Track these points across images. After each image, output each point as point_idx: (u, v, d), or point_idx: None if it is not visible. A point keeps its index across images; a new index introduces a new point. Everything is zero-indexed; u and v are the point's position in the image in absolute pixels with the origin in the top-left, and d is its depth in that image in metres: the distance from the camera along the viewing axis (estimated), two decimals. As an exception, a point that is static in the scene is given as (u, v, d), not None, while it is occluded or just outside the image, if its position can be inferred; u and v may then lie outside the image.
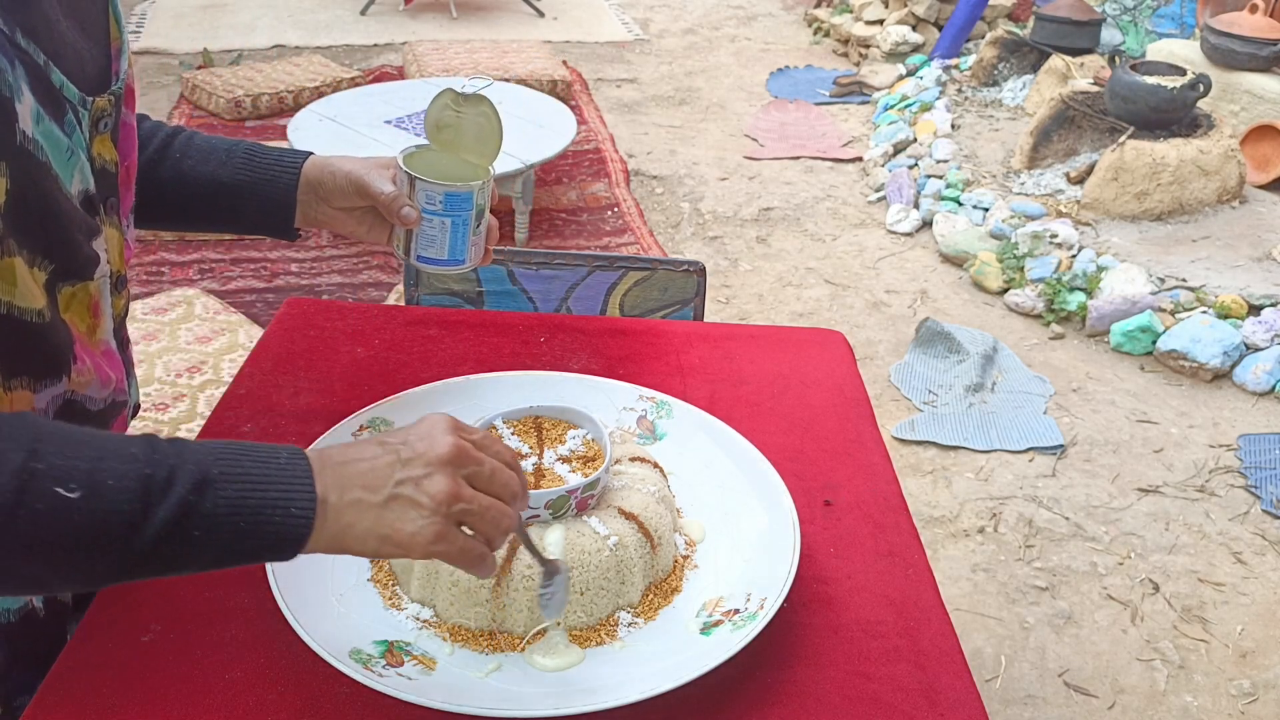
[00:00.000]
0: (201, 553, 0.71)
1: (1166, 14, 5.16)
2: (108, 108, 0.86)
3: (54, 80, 0.78)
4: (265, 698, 0.86)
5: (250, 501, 0.71)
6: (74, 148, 0.81)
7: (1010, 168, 4.14)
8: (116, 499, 0.67)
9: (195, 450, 0.72)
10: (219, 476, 0.70)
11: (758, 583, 0.96)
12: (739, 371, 1.34)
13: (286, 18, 6.07)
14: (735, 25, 6.42)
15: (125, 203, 0.93)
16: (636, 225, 3.91)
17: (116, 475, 0.68)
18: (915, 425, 2.86)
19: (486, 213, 1.04)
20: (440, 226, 1.02)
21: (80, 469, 0.67)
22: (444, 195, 1.01)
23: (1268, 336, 3.11)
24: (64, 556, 0.67)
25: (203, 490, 0.69)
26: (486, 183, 1.03)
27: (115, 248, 0.91)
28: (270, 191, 1.06)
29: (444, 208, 1.01)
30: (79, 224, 0.83)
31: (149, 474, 0.68)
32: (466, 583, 0.92)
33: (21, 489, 0.64)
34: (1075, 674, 2.16)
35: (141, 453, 0.70)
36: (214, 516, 0.70)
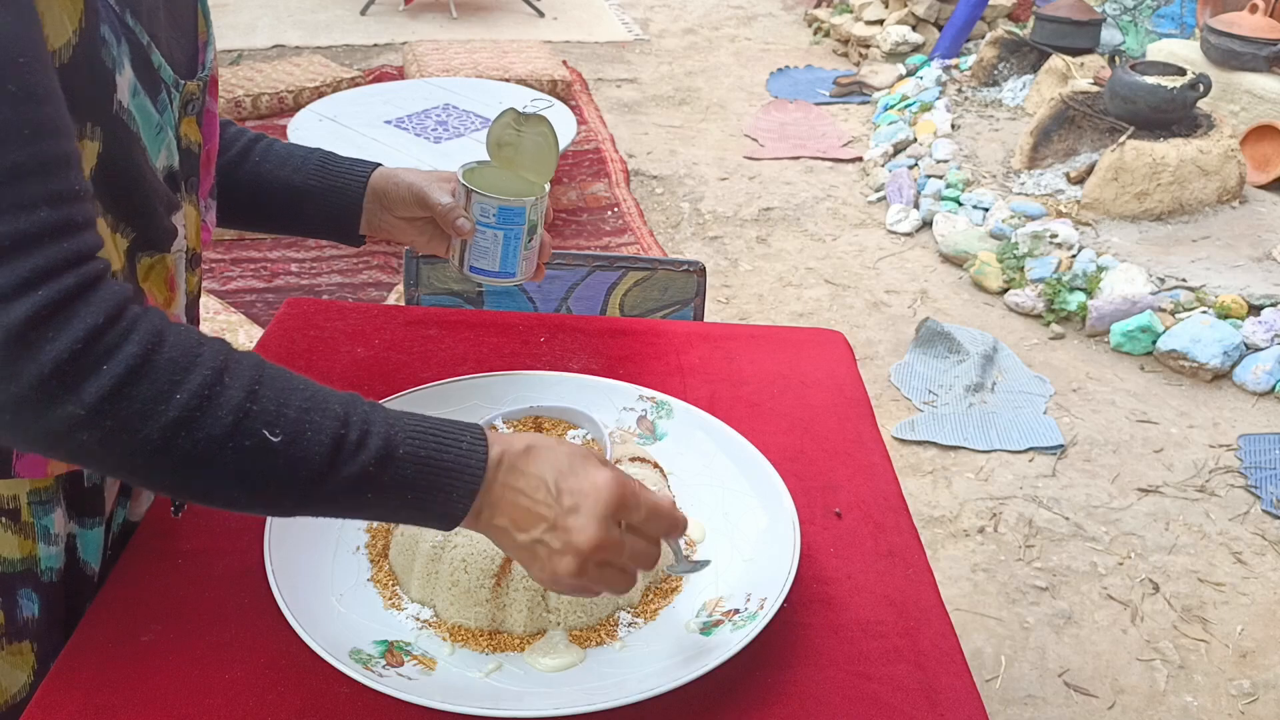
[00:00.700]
0: (369, 510, 0.79)
1: (1166, 14, 5.16)
2: (196, 92, 0.92)
3: (153, 61, 0.84)
4: (265, 698, 0.86)
5: (421, 484, 0.78)
6: (164, 125, 0.87)
7: (1010, 168, 4.14)
8: (310, 451, 0.74)
9: (389, 421, 0.78)
10: (403, 456, 0.77)
11: (758, 583, 0.96)
12: (739, 371, 1.34)
13: (286, 18, 6.07)
14: (735, 25, 6.42)
15: (204, 184, 0.99)
16: (636, 225, 3.91)
17: (316, 429, 0.74)
18: (915, 425, 2.86)
19: (539, 229, 1.08)
20: (493, 239, 1.06)
21: (289, 416, 0.74)
22: (498, 209, 1.05)
23: (1268, 336, 3.11)
24: (255, 487, 0.74)
25: (384, 463, 0.76)
26: (540, 199, 1.06)
27: (193, 225, 0.97)
28: (338, 198, 1.12)
29: (497, 221, 1.05)
30: (161, 197, 0.88)
31: (343, 434, 0.75)
32: (466, 582, 0.92)
33: (236, 425, 0.72)
34: (1075, 674, 2.16)
35: (342, 411, 0.76)
36: (388, 488, 0.77)
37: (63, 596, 0.94)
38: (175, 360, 0.71)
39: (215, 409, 0.71)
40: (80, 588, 0.96)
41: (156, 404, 0.69)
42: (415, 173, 1.12)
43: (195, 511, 1.05)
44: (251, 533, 1.01)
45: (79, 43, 0.74)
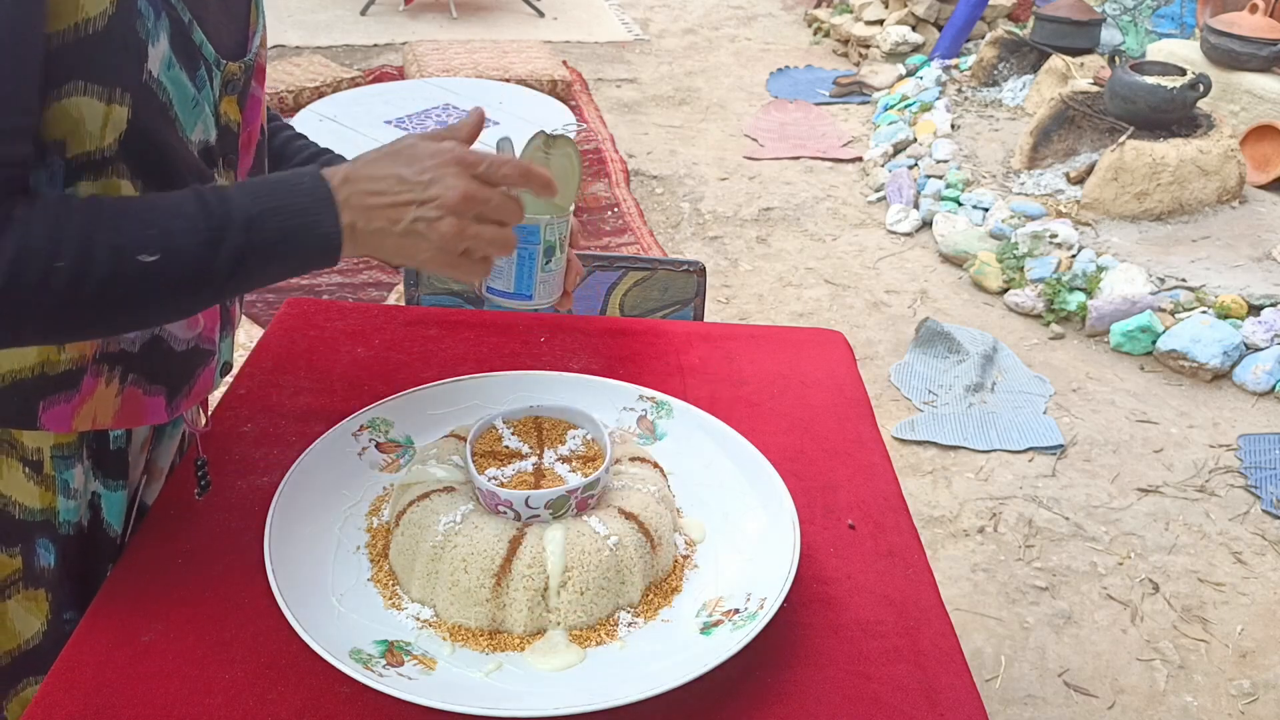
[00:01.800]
0: (262, 275, 0.85)
1: (1166, 14, 5.16)
2: (238, 74, 0.96)
3: (194, 38, 0.88)
4: (265, 698, 0.86)
5: (289, 227, 0.84)
6: (201, 100, 0.91)
7: (1010, 168, 4.14)
8: (187, 255, 0.81)
9: (235, 196, 0.84)
10: (261, 213, 0.83)
11: (758, 583, 0.96)
12: (739, 371, 1.34)
13: (286, 18, 6.07)
14: (735, 25, 6.42)
15: (243, 164, 1.02)
16: (636, 225, 3.91)
17: (182, 233, 0.81)
18: (915, 425, 2.86)
19: (558, 251, 1.07)
20: (507, 258, 1.04)
21: (154, 236, 0.80)
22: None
23: (1268, 336, 3.11)
24: (160, 303, 0.83)
25: (250, 229, 0.83)
26: (558, 220, 1.05)
27: None
28: None
29: None
30: (192, 168, 0.92)
31: (208, 228, 0.82)
32: (466, 583, 0.92)
33: (117, 262, 0.79)
34: (1075, 674, 2.16)
35: (196, 209, 0.82)
36: (264, 248, 0.83)
37: (78, 551, 0.99)
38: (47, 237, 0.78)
39: (94, 257, 0.78)
40: (103, 548, 1.02)
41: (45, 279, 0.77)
42: None
43: (195, 511, 1.05)
44: (251, 533, 1.01)
45: (115, 13, 0.79)
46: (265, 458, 1.13)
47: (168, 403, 0.99)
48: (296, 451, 1.09)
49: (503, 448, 1.03)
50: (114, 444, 0.98)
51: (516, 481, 0.99)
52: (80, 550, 0.99)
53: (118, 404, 0.95)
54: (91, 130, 0.82)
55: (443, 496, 0.98)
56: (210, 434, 1.17)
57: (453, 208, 0.87)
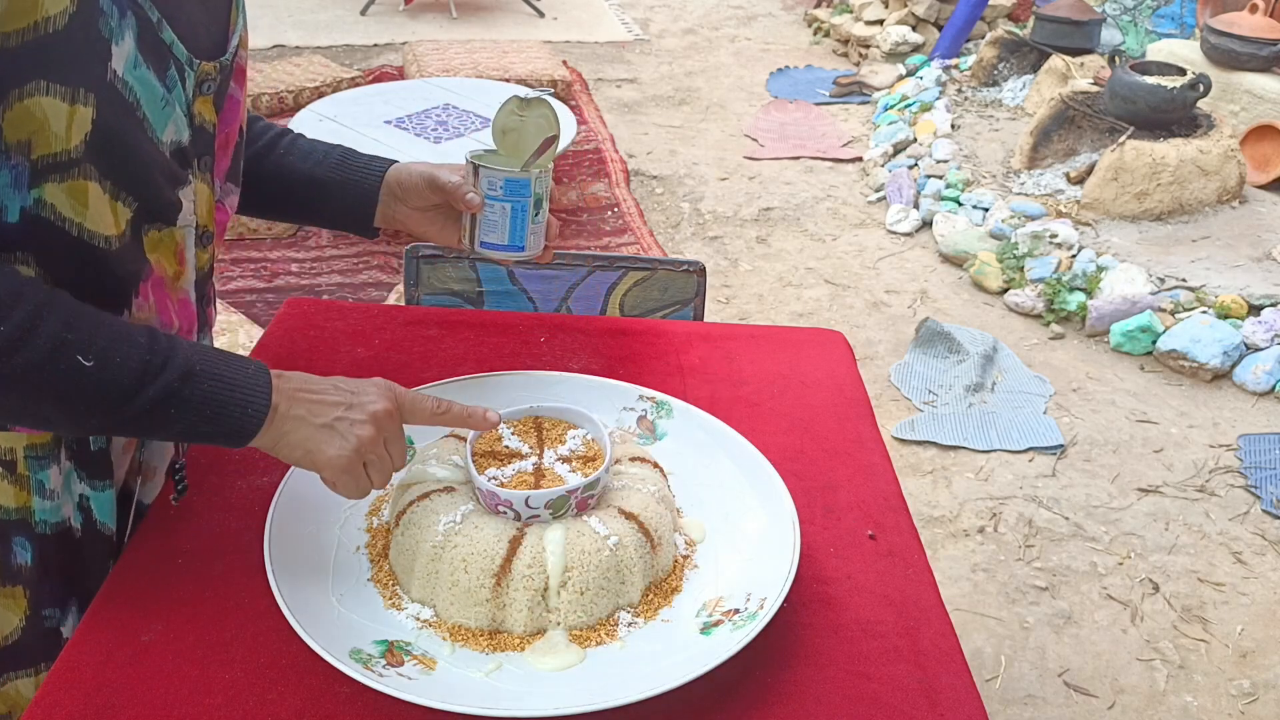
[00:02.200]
0: (173, 426, 0.88)
1: (1166, 14, 5.16)
2: (213, 73, 0.95)
3: (164, 37, 0.88)
4: (265, 698, 0.86)
5: (220, 397, 0.88)
6: (172, 100, 0.90)
7: (1010, 168, 4.14)
8: (120, 374, 0.84)
9: (185, 347, 0.88)
10: (200, 372, 0.87)
11: (758, 583, 0.96)
12: (739, 371, 1.34)
13: (286, 18, 6.07)
14: (735, 25, 6.42)
15: (219, 165, 1.02)
16: (636, 225, 3.91)
17: (124, 354, 0.84)
18: (915, 425, 2.86)
19: (544, 205, 1.11)
20: (501, 212, 1.10)
21: (99, 344, 0.83)
22: (504, 181, 1.08)
23: (1268, 336, 3.11)
24: (70, 408, 0.85)
25: (186, 380, 0.86)
26: (545, 173, 1.10)
27: (204, 203, 1.00)
28: (356, 191, 1.18)
29: (504, 193, 1.09)
30: (163, 169, 0.91)
31: (149, 359, 0.85)
32: (466, 583, 0.92)
33: (54, 351, 0.81)
34: (1075, 674, 2.16)
35: (145, 340, 0.86)
36: (190, 402, 0.87)
37: (63, 551, 0.99)
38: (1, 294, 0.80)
39: (35, 338, 0.80)
40: (99, 547, 1.02)
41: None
42: (426, 164, 1.18)
43: (195, 511, 1.05)
44: (251, 532, 1.01)
45: (76, 11, 0.79)
46: (265, 458, 1.13)
47: None
48: (296, 451, 1.09)
49: (503, 448, 1.03)
50: (94, 444, 0.98)
51: (516, 481, 0.99)
52: (67, 550, 0.99)
53: None
54: (57, 131, 0.81)
55: (443, 496, 0.98)
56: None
57: (376, 419, 0.92)
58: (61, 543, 0.99)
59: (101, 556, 1.02)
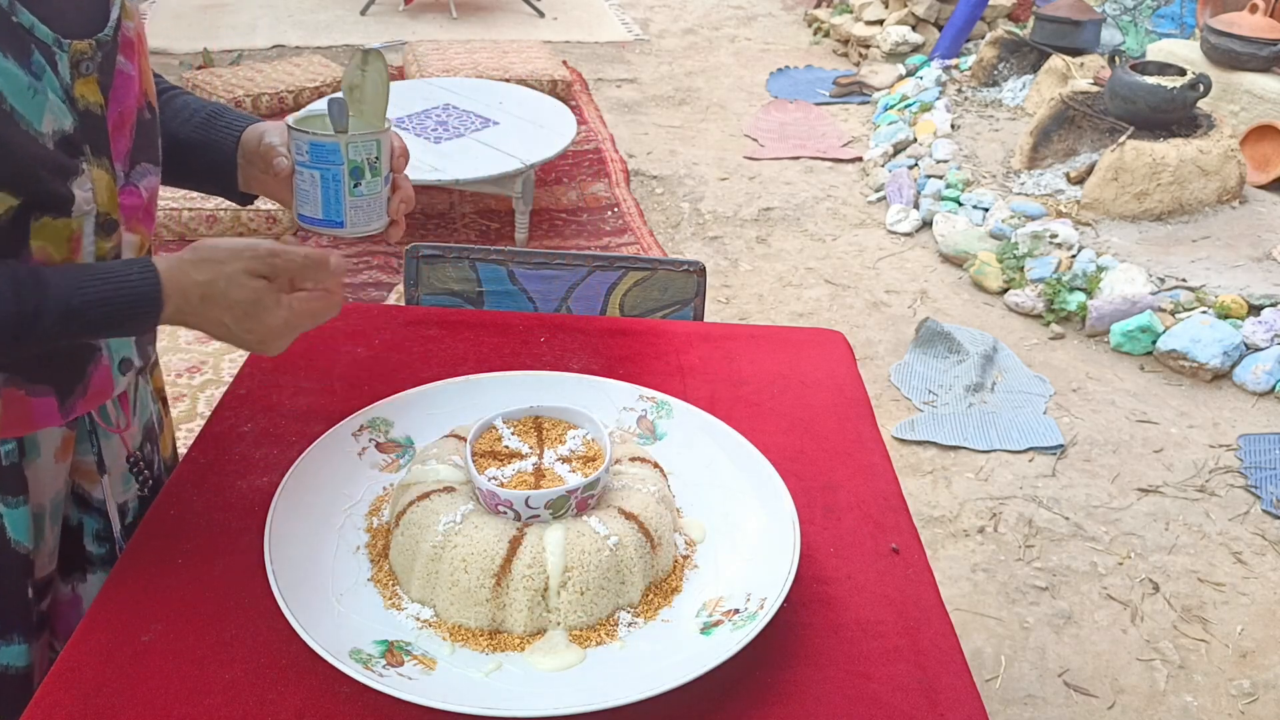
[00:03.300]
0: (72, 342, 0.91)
1: (1166, 14, 5.16)
2: (89, 51, 0.89)
3: (21, 20, 0.83)
4: (265, 698, 0.86)
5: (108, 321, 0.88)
6: (42, 87, 0.85)
7: (1010, 168, 4.14)
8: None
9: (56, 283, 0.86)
10: (79, 306, 0.86)
11: (758, 583, 0.96)
12: (739, 371, 1.34)
13: (286, 18, 6.07)
14: (735, 25, 6.42)
15: (117, 147, 0.95)
16: (636, 225, 3.91)
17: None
18: (915, 425, 2.86)
19: (368, 173, 0.98)
20: (310, 180, 0.98)
21: None
22: (309, 145, 0.96)
23: (1268, 336, 3.11)
24: None
25: (66, 320, 0.86)
26: (365, 139, 0.97)
27: (104, 190, 0.94)
28: (215, 153, 1.10)
29: (310, 159, 0.97)
30: (44, 161, 0.86)
31: (17, 311, 0.83)
32: (466, 582, 0.92)
33: None
34: (1075, 674, 2.16)
35: (11, 289, 0.83)
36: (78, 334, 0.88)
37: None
38: None
39: None
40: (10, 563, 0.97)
41: None
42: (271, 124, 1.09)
43: (195, 511, 1.05)
44: (252, 532, 1.01)
45: None
46: (265, 458, 1.13)
47: (60, 404, 0.95)
48: (296, 451, 1.09)
49: (503, 448, 1.03)
50: (5, 459, 0.93)
51: (516, 481, 0.99)
52: None
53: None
54: None
55: (443, 496, 0.98)
56: (206, 434, 1.17)
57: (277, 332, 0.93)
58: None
59: (15, 576, 0.97)
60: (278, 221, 3.64)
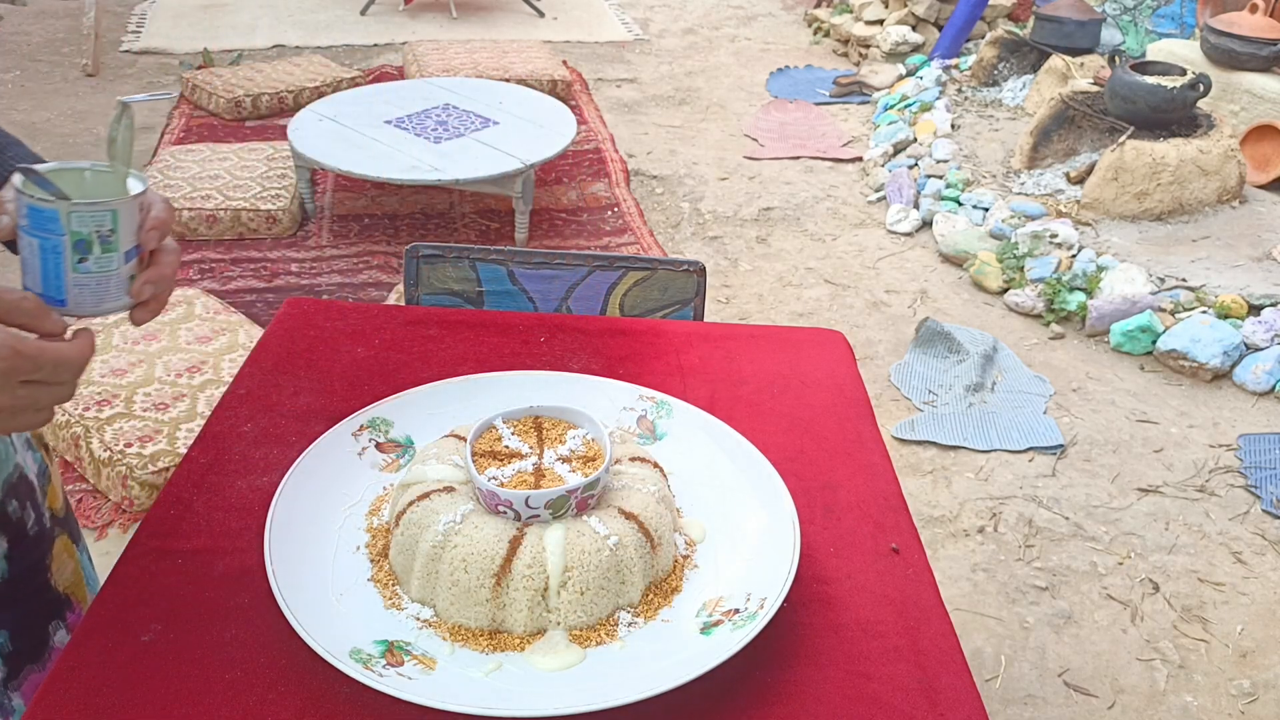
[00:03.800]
0: None
1: (1166, 14, 5.16)
2: None
3: None
4: (265, 698, 0.86)
5: None
6: None
7: (1010, 168, 4.14)
8: None
9: None
10: None
11: (758, 583, 0.96)
12: (739, 371, 1.34)
13: (286, 18, 6.07)
14: (735, 25, 6.42)
15: None
16: (636, 225, 3.91)
17: None
18: (915, 425, 2.86)
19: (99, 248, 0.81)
20: (30, 248, 0.81)
21: None
22: (28, 209, 0.80)
23: (1268, 336, 3.11)
24: None
25: None
26: (92, 210, 0.80)
27: None
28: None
29: (30, 224, 0.80)
30: None
31: None
32: (466, 582, 0.92)
33: None
34: (1075, 674, 2.16)
35: None
36: None
37: None
38: None
39: None
40: None
41: None
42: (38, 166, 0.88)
43: (195, 511, 1.05)
44: (251, 532, 1.01)
45: None
46: (265, 458, 1.13)
47: None
48: (296, 451, 1.09)
49: (503, 448, 1.03)
50: None
51: (516, 481, 0.99)
52: None
53: None
54: None
55: (443, 496, 0.98)
56: (206, 434, 1.17)
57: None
58: None
59: None
60: (278, 221, 3.65)
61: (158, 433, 2.32)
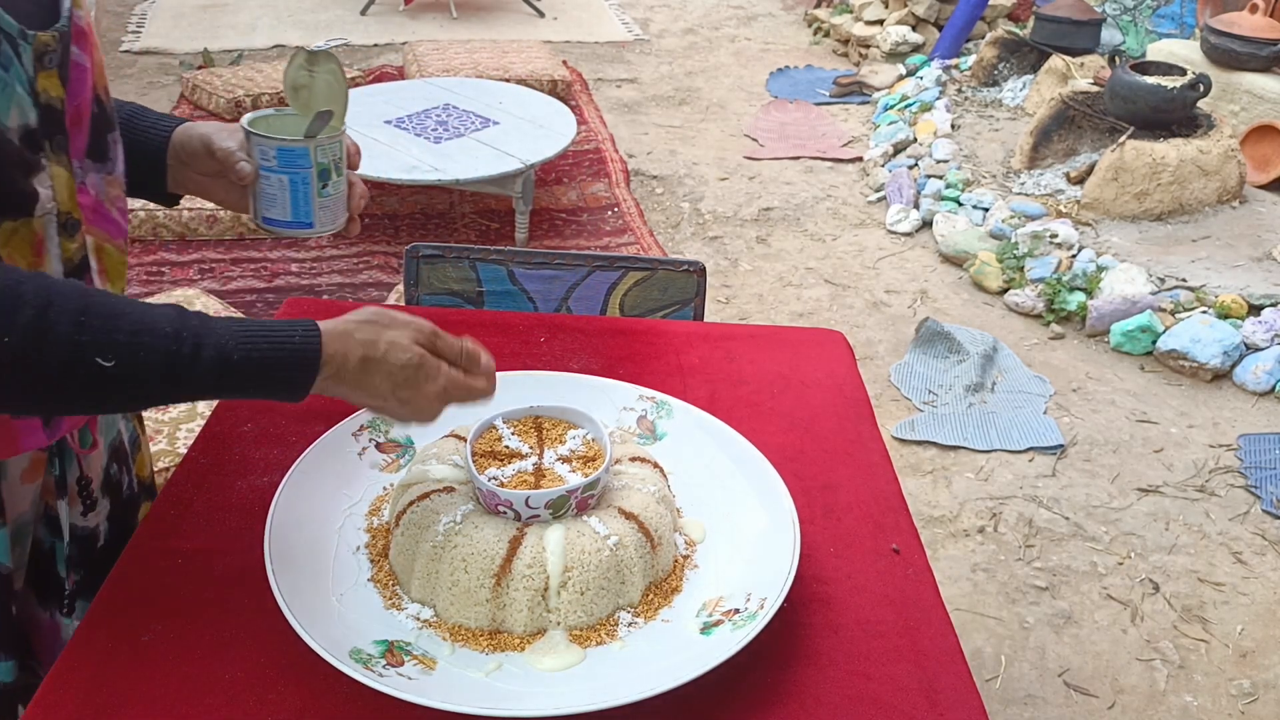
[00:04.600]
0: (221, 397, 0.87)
1: (1166, 14, 5.16)
2: (52, 43, 0.86)
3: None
4: (265, 698, 0.86)
5: (262, 381, 0.85)
6: (9, 80, 0.82)
7: (1010, 168, 4.14)
8: (146, 371, 0.79)
9: (219, 330, 0.83)
10: (238, 362, 0.83)
11: (758, 583, 0.96)
12: (739, 371, 1.34)
13: (286, 18, 6.07)
14: (735, 25, 6.42)
15: (75, 143, 0.91)
16: (636, 225, 3.91)
17: (148, 349, 0.79)
18: (915, 425, 2.86)
19: (334, 174, 1.00)
20: (279, 184, 0.98)
21: (119, 341, 0.78)
22: (276, 150, 0.97)
23: (1268, 336, 3.11)
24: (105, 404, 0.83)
25: (223, 373, 0.82)
26: (330, 141, 0.98)
27: (64, 187, 0.90)
28: (141, 153, 1.06)
29: (279, 164, 0.97)
30: (12, 157, 0.83)
31: (175, 350, 0.80)
32: (466, 582, 0.92)
33: (70, 358, 0.76)
34: (1075, 674, 2.16)
35: (173, 329, 0.81)
36: (231, 390, 0.84)
37: None
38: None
39: (45, 346, 0.75)
40: None
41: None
42: (209, 124, 1.06)
43: (195, 511, 1.05)
44: (251, 533, 1.01)
45: None
46: (265, 458, 1.13)
47: (45, 423, 0.91)
48: (296, 451, 1.09)
49: (503, 448, 1.03)
50: None
51: (516, 481, 0.99)
52: None
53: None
54: None
55: (443, 496, 0.98)
56: (206, 434, 1.17)
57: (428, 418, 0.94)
58: None
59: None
60: (278, 221, 3.64)
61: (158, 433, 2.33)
